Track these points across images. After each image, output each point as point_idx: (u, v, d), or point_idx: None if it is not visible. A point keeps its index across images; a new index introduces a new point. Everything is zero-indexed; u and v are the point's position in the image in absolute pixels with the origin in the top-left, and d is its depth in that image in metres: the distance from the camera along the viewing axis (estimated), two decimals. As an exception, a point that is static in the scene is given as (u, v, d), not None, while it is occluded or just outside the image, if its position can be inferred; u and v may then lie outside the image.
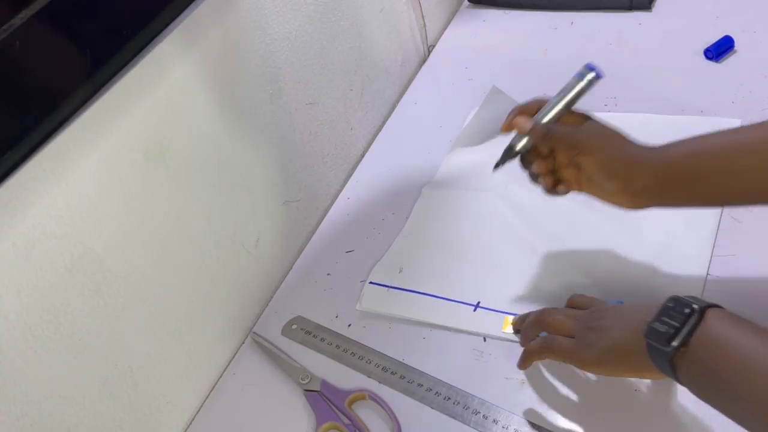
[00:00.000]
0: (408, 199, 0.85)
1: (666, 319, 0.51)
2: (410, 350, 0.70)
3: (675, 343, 0.50)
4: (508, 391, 0.65)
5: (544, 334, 0.63)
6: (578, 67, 0.65)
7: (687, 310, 0.51)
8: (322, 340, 0.73)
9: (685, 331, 0.50)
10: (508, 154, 0.66)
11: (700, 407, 0.60)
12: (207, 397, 0.72)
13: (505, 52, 1.01)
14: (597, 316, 0.59)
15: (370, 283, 0.76)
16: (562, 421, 0.62)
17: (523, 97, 0.92)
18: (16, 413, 0.54)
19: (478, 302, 0.71)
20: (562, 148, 0.63)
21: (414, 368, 0.69)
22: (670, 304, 0.52)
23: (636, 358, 0.54)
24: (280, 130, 0.79)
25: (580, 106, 0.62)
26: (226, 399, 0.72)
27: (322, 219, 0.87)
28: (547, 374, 0.65)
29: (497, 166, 0.67)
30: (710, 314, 0.50)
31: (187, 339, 0.70)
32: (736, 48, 0.89)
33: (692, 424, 0.59)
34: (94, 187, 0.58)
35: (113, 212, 0.60)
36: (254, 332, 0.76)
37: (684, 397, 0.61)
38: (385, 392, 0.68)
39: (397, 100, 1.00)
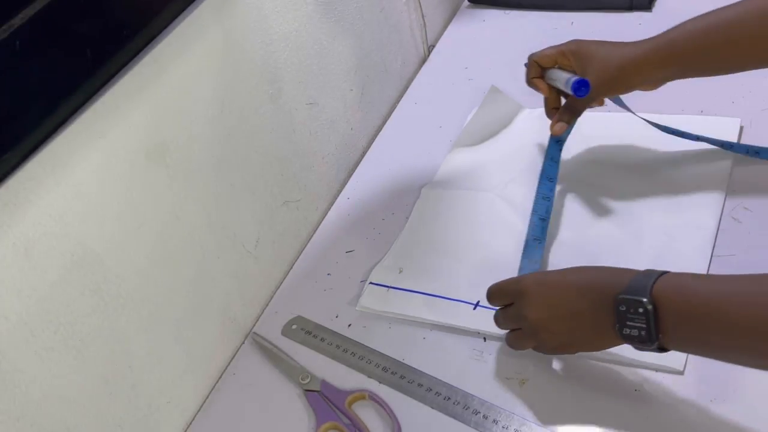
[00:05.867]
0: (408, 199, 0.85)
1: (630, 323, 0.53)
2: (410, 350, 0.70)
3: (655, 339, 0.53)
4: (508, 391, 0.65)
5: None
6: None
7: (641, 310, 0.53)
8: (322, 340, 0.73)
9: (652, 326, 0.52)
10: None
11: (701, 406, 0.60)
12: (207, 397, 0.72)
13: (505, 52, 1.01)
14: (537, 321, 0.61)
15: (370, 283, 0.76)
16: (562, 421, 0.62)
17: (522, 97, 0.92)
18: (16, 413, 0.54)
19: (478, 301, 0.71)
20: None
21: (414, 368, 0.69)
22: (623, 308, 0.54)
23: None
24: (280, 130, 0.79)
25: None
26: (226, 399, 0.72)
27: (322, 219, 0.87)
28: (547, 374, 0.65)
29: None
30: (660, 299, 0.52)
31: (187, 339, 0.70)
32: (736, 48, 0.89)
33: (693, 423, 0.59)
34: (94, 187, 0.58)
35: (113, 212, 0.60)
36: (254, 332, 0.76)
37: (685, 395, 0.61)
38: (385, 392, 0.68)
39: (397, 100, 1.00)
